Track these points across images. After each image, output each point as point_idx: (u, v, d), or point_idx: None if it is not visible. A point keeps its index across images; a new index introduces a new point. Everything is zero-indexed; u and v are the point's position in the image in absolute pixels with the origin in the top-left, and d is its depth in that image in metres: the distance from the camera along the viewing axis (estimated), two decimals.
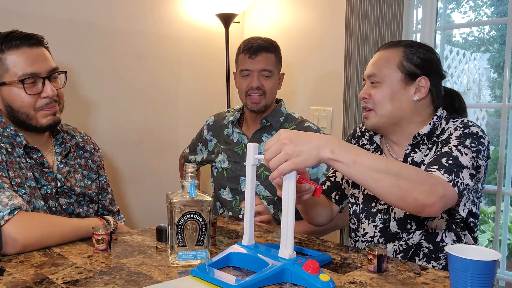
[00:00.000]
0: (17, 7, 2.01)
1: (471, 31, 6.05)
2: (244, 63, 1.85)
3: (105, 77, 2.31)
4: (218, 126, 2.00)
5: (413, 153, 1.38)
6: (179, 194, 1.12)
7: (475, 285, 0.90)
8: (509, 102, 2.06)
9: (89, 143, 1.62)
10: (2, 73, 1.35)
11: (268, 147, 1.05)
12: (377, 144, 1.48)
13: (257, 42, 1.84)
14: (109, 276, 1.04)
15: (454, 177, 1.16)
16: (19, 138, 1.39)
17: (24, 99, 1.35)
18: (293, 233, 1.05)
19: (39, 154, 1.42)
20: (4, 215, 1.17)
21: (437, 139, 1.35)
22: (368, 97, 1.40)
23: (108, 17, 2.30)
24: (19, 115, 1.37)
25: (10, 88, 1.35)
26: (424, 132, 1.36)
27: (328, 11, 2.49)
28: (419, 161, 1.37)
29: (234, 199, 1.92)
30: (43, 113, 1.38)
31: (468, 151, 1.23)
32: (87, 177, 1.56)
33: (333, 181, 1.57)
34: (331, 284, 0.97)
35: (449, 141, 1.27)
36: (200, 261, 1.12)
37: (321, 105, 2.53)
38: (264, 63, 1.83)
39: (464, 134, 1.28)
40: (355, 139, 1.57)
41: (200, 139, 2.07)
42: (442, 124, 1.38)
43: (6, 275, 1.04)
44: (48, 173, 1.43)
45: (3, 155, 1.33)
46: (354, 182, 1.52)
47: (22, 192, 1.34)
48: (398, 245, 1.39)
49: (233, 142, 1.94)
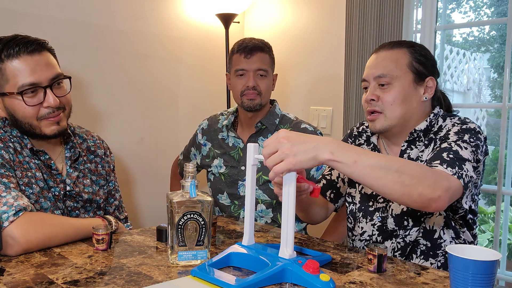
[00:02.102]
0: (17, 7, 2.01)
1: (471, 31, 6.06)
2: (239, 63, 1.83)
3: (105, 77, 2.31)
4: (212, 130, 1.98)
5: (409, 149, 1.38)
6: (179, 194, 1.12)
7: (475, 285, 0.90)
8: (509, 102, 2.06)
9: (100, 147, 1.59)
10: (2, 83, 1.31)
11: (266, 144, 1.03)
12: (374, 144, 1.48)
13: (251, 42, 1.83)
14: (109, 276, 1.04)
15: (457, 170, 1.16)
16: (27, 140, 1.38)
17: (25, 110, 1.31)
18: (293, 233, 1.05)
19: (46, 156, 1.40)
20: (9, 216, 1.17)
21: (434, 136, 1.35)
22: (376, 99, 1.35)
23: (108, 17, 2.30)
24: (22, 125, 1.34)
25: (10, 99, 1.32)
26: (421, 128, 1.36)
27: (328, 11, 2.49)
28: (415, 158, 1.36)
29: (232, 204, 1.91)
30: (46, 122, 1.34)
31: (468, 146, 1.23)
32: (96, 183, 1.53)
33: (328, 179, 1.57)
34: (331, 284, 0.97)
35: (448, 137, 1.27)
36: (200, 261, 1.12)
37: (321, 105, 2.53)
38: (259, 62, 1.82)
39: (462, 130, 1.28)
40: (352, 139, 1.57)
41: (194, 144, 2.04)
42: (439, 122, 1.37)
43: (6, 275, 1.04)
44: (57, 175, 1.42)
45: (11, 154, 1.32)
46: (350, 181, 1.52)
47: (30, 192, 1.33)
48: (396, 243, 1.39)
49: (229, 146, 1.92)
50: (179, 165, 2.17)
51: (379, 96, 1.35)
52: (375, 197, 1.44)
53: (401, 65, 1.34)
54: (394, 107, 1.33)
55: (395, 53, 1.36)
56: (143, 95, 2.46)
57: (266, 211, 1.83)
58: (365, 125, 1.56)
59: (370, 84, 1.37)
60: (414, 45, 1.39)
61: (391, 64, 1.34)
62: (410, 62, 1.34)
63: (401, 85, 1.33)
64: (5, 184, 1.23)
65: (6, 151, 1.31)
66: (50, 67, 1.34)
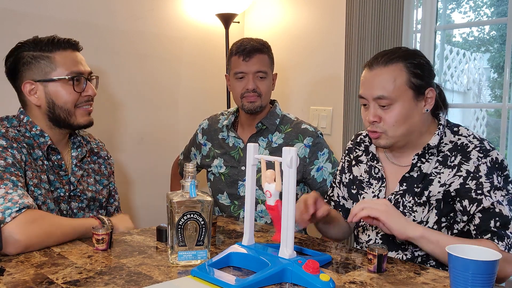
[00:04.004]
0: (17, 7, 2.01)
1: (471, 31, 6.05)
2: (238, 65, 1.81)
3: (105, 77, 2.31)
4: (213, 130, 1.97)
5: (420, 162, 1.36)
6: (179, 194, 1.12)
7: (475, 285, 0.90)
8: (509, 102, 2.06)
9: (103, 149, 1.67)
10: (50, 70, 1.42)
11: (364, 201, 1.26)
12: (373, 153, 1.47)
13: (250, 43, 1.81)
14: (109, 276, 1.04)
15: (506, 241, 1.22)
16: (44, 138, 1.43)
17: (70, 95, 1.43)
18: (293, 233, 1.05)
19: (59, 156, 1.47)
20: (12, 212, 1.19)
21: (450, 153, 1.33)
22: (378, 120, 1.32)
23: (108, 17, 2.30)
24: (60, 112, 1.44)
25: (57, 84, 1.42)
26: (435, 143, 1.34)
27: (328, 11, 2.49)
28: (429, 172, 1.34)
29: (232, 204, 1.91)
30: (81, 111, 1.47)
31: (502, 193, 1.26)
32: (99, 183, 1.59)
33: (334, 200, 1.59)
34: (331, 284, 0.97)
35: (482, 184, 1.26)
36: (200, 261, 1.12)
37: (321, 105, 2.53)
38: (258, 64, 1.80)
39: (490, 169, 1.27)
40: (345, 153, 1.59)
41: (194, 144, 2.04)
42: (447, 134, 1.37)
43: (6, 275, 1.04)
44: (63, 176, 1.47)
45: (24, 155, 1.36)
46: (351, 196, 1.52)
47: (39, 193, 1.37)
48: (402, 254, 1.37)
49: (229, 146, 1.91)
50: (180, 165, 2.17)
51: (381, 117, 1.32)
52: None
53: (399, 84, 1.29)
54: (396, 127, 1.31)
55: (390, 70, 1.30)
56: (143, 95, 2.45)
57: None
58: (363, 134, 1.55)
59: (370, 104, 1.33)
60: (408, 56, 1.33)
61: (389, 85, 1.29)
62: (408, 79, 1.30)
63: (401, 105, 1.30)
64: (13, 182, 1.26)
65: (18, 151, 1.34)
66: (86, 63, 1.51)
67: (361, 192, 1.47)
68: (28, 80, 1.42)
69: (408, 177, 1.37)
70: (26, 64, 1.42)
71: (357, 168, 1.51)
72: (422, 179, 1.35)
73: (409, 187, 1.36)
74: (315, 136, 1.85)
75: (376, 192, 1.43)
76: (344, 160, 1.58)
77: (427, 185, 1.34)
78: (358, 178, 1.49)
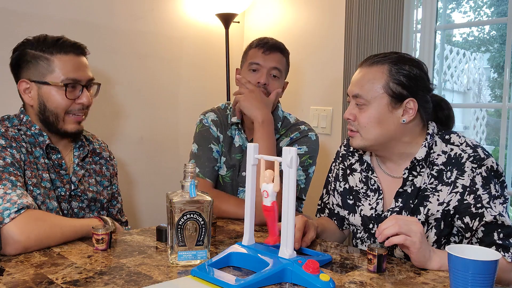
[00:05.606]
0: (17, 7, 2.01)
1: (471, 31, 6.05)
2: (256, 57, 1.75)
3: (105, 77, 2.31)
4: (224, 125, 1.84)
5: (411, 176, 1.33)
6: (179, 194, 1.12)
7: (475, 285, 0.90)
8: (509, 102, 2.06)
9: (105, 150, 1.66)
10: (46, 72, 1.41)
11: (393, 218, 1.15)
12: (368, 163, 1.44)
13: (272, 40, 1.79)
14: (109, 276, 1.04)
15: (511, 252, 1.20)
16: (43, 137, 1.43)
17: (61, 101, 1.42)
18: (293, 233, 1.05)
19: (59, 155, 1.47)
20: (11, 213, 1.18)
21: (445, 168, 1.30)
22: (353, 118, 1.33)
23: (108, 17, 2.30)
24: (49, 115, 1.43)
25: (51, 88, 1.41)
26: (422, 156, 1.31)
27: (328, 11, 2.49)
28: (423, 187, 1.32)
29: None
30: (71, 119, 1.45)
31: (500, 200, 1.25)
32: (100, 184, 1.59)
33: (329, 208, 1.58)
34: (331, 284, 0.97)
35: (480, 196, 1.24)
36: (200, 261, 1.12)
37: (321, 105, 2.53)
38: (276, 61, 1.75)
39: (486, 179, 1.25)
40: (339, 160, 1.55)
41: (211, 140, 1.80)
42: (437, 143, 1.34)
43: (6, 275, 1.04)
44: (64, 175, 1.47)
45: (23, 154, 1.36)
46: (345, 206, 1.50)
47: (37, 192, 1.37)
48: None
49: (235, 147, 1.81)
50: (210, 180, 1.79)
51: (356, 115, 1.33)
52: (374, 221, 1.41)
53: (376, 86, 1.29)
54: (368, 129, 1.31)
55: (373, 71, 1.31)
56: (143, 95, 2.45)
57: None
58: None
59: (351, 101, 1.35)
60: (399, 61, 1.31)
61: (367, 85, 1.30)
62: (386, 83, 1.28)
63: (374, 108, 1.29)
64: (12, 181, 1.26)
65: (18, 151, 1.35)
66: (88, 70, 1.49)
67: (358, 204, 1.45)
68: (24, 78, 1.43)
69: (402, 192, 1.34)
70: (26, 62, 1.42)
71: (352, 178, 1.49)
72: (417, 194, 1.32)
73: (405, 204, 1.33)
74: (303, 134, 1.78)
75: (373, 205, 1.41)
76: (338, 168, 1.55)
77: (422, 200, 1.31)
78: (354, 189, 1.47)
